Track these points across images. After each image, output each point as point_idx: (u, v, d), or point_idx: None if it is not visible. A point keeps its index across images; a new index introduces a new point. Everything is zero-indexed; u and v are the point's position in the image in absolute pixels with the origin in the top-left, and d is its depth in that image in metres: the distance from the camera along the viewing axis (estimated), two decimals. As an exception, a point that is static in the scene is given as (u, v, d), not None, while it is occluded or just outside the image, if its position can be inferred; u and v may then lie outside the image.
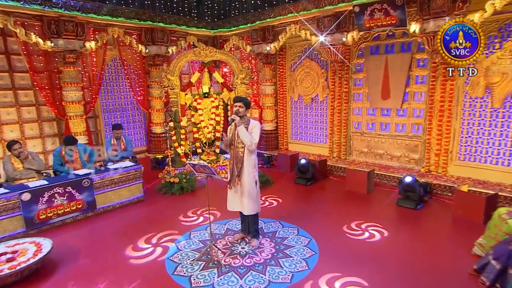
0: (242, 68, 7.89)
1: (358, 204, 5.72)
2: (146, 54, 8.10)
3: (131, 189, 5.89)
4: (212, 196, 6.01)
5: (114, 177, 5.65)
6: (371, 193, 6.19)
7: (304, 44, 8.05)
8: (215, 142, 8.09)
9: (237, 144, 4.06)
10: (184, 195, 6.29)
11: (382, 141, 6.99)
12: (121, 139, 6.42)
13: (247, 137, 3.90)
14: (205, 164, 3.82)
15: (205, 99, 7.87)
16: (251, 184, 4.09)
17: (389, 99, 6.70)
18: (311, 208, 5.61)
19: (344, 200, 5.95)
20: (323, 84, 7.80)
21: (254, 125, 4.01)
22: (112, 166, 5.88)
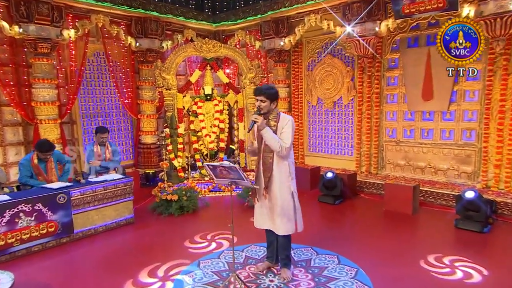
0: (251, 66, 7.45)
1: (407, 227, 5.20)
2: (137, 48, 7.60)
3: (118, 208, 5.22)
4: (222, 218, 5.58)
5: (98, 192, 4.98)
6: (417, 213, 5.66)
7: (325, 38, 7.68)
8: (219, 153, 7.50)
9: (265, 147, 3.55)
10: (184, 216, 5.71)
11: (424, 151, 6.53)
12: (106, 146, 5.77)
13: (275, 141, 3.38)
14: (231, 164, 3.20)
15: (207, 102, 7.37)
16: (285, 197, 3.56)
17: (432, 100, 6.28)
18: (347, 231, 5.10)
19: (387, 222, 5.45)
20: (349, 85, 7.38)
21: (285, 122, 3.48)
22: (95, 179, 5.19)
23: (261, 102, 3.45)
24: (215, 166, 3.30)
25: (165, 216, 5.64)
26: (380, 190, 6.57)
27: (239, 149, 7.65)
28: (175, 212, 5.65)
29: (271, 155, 3.53)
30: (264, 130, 3.40)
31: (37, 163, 4.98)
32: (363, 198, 6.63)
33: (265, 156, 3.57)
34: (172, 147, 6.93)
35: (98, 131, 5.74)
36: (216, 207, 6.17)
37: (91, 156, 5.69)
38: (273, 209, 3.57)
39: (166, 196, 5.75)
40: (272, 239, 3.85)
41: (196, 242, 4.72)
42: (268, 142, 3.42)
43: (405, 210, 5.61)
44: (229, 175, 3.27)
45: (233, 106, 7.63)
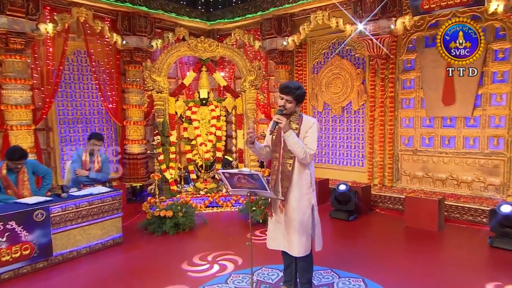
0: (251, 68, 7.21)
1: (434, 246, 4.96)
2: (123, 47, 7.29)
3: (105, 226, 4.86)
4: (223, 236, 5.36)
5: (82, 208, 4.60)
6: (442, 230, 5.44)
7: (332, 37, 7.54)
8: (215, 164, 7.18)
9: (284, 153, 3.30)
10: (180, 235, 5.39)
11: (445, 162, 6.35)
12: (96, 155, 5.39)
13: (298, 147, 3.13)
14: (252, 172, 2.90)
15: (202, 107, 7.11)
16: (305, 210, 3.31)
17: (454, 104, 6.14)
18: (368, 250, 4.81)
19: (411, 240, 5.20)
20: (359, 89, 7.20)
21: (309, 125, 3.26)
22: (79, 192, 4.80)
23: (287, 102, 3.21)
24: (232, 173, 2.99)
25: (158, 235, 5.30)
26: (397, 204, 6.36)
27: (237, 159, 7.34)
28: (169, 230, 5.30)
29: (291, 162, 3.27)
30: (288, 133, 3.15)
31: (6, 174, 4.55)
32: (379, 213, 6.41)
33: (284, 163, 3.31)
34: (164, 157, 6.58)
35: (93, 137, 5.36)
36: (215, 224, 5.90)
37: (77, 164, 5.30)
38: (290, 225, 3.31)
39: (159, 212, 5.39)
40: (290, 260, 3.57)
41: (196, 264, 4.41)
42: (291, 147, 3.17)
43: (430, 226, 5.38)
44: (249, 184, 2.97)
45: (231, 112, 7.34)
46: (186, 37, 8.29)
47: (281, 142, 3.31)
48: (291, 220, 3.29)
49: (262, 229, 5.37)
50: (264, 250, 4.44)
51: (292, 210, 3.28)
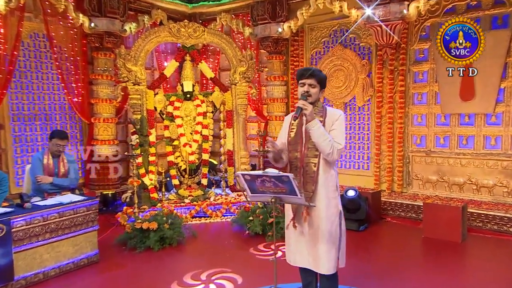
0: (242, 58, 7.00)
1: (461, 260, 4.91)
2: (91, 30, 6.91)
3: (78, 242, 4.52)
4: (217, 251, 5.12)
5: (51, 221, 4.23)
6: (466, 241, 5.36)
7: (334, 24, 7.43)
8: (201, 168, 6.91)
9: (307, 151, 3.15)
10: (167, 250, 5.11)
11: (462, 164, 6.33)
12: (61, 157, 5.02)
13: (325, 140, 3.00)
14: (281, 173, 2.67)
15: (186, 102, 6.91)
16: (333, 219, 3.17)
17: (473, 99, 6.13)
18: (386, 265, 4.69)
19: (432, 253, 5.07)
20: (364, 82, 7.13)
21: (335, 117, 3.17)
22: (45, 202, 4.42)
23: (310, 87, 3.08)
24: (254, 175, 2.73)
25: (140, 251, 5.00)
26: (410, 212, 6.30)
27: (226, 162, 7.07)
28: (154, 245, 5.00)
29: (315, 161, 3.13)
30: (313, 122, 2.98)
31: None
32: (391, 222, 6.32)
33: (308, 163, 3.15)
34: (142, 160, 6.24)
35: (55, 136, 5.00)
36: (205, 237, 5.67)
37: (38, 169, 4.90)
38: (317, 237, 3.14)
39: (141, 224, 5.05)
40: (310, 279, 3.39)
41: (188, 284, 4.20)
42: (316, 140, 3.01)
43: (452, 237, 5.28)
44: (275, 188, 2.73)
45: (219, 108, 7.08)
46: (164, 21, 7.96)
47: (303, 138, 3.16)
48: (318, 231, 3.13)
49: (265, 243, 5.19)
50: (265, 266, 4.48)
51: (319, 219, 3.11)
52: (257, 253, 4.96)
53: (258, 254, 4.92)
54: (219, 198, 6.63)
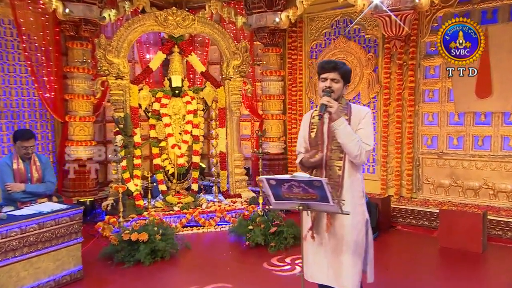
0: (236, 50, 6.89)
1: (486, 272, 4.92)
2: (65, 17, 6.69)
3: (60, 257, 4.34)
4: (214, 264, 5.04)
5: (30, 233, 4.03)
6: (487, 251, 5.36)
7: (336, 13, 7.43)
8: (191, 172, 6.78)
9: (330, 153, 3.10)
10: (159, 265, 4.97)
11: (478, 167, 6.37)
12: (32, 160, 4.82)
13: (353, 140, 2.96)
14: (313, 177, 2.58)
15: (175, 99, 6.80)
16: (360, 228, 3.15)
17: (490, 97, 6.16)
18: (404, 279, 4.67)
19: (452, 265, 5.05)
20: (370, 77, 7.16)
21: (361, 115, 3.13)
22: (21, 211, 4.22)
23: (333, 81, 3.03)
24: (281, 180, 2.60)
25: (129, 266, 4.84)
26: (422, 220, 6.30)
27: (218, 165, 6.94)
28: (145, 259, 4.84)
29: (340, 164, 3.08)
30: (339, 121, 2.93)
31: None
32: (402, 231, 6.30)
33: (332, 166, 3.10)
34: (127, 163, 6.05)
35: (19, 137, 4.80)
36: (199, 248, 5.58)
37: (7, 176, 4.69)
38: (340, 248, 3.08)
39: (130, 235, 4.87)
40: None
41: None
42: (342, 140, 2.96)
43: (472, 247, 5.26)
44: (304, 194, 2.61)
45: (210, 105, 6.96)
46: (147, 8, 7.80)
47: (324, 139, 3.11)
48: (341, 241, 3.06)
49: (279, 256, 5.06)
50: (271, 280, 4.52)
51: (343, 228, 3.05)
52: (271, 267, 4.84)
53: (273, 270, 4.79)
54: (211, 206, 6.49)
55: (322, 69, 3.05)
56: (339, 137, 2.95)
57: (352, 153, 2.94)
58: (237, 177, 7.05)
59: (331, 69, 3.02)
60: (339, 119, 2.91)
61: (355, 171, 3.09)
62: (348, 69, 3.13)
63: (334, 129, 2.93)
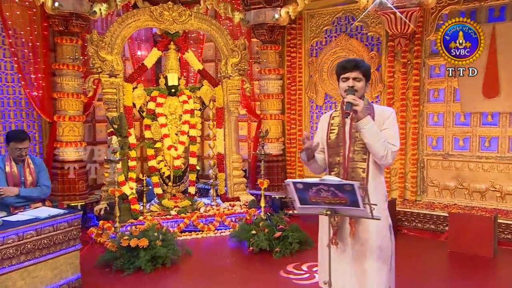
0: (234, 47, 6.86)
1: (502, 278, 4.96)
2: (54, 11, 6.54)
3: (58, 265, 4.22)
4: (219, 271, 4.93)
5: (27, 240, 3.91)
6: (498, 256, 5.40)
7: (337, 10, 7.43)
8: (187, 175, 6.73)
9: (353, 154, 3.10)
10: (160, 272, 4.90)
11: (485, 169, 6.42)
12: (26, 162, 4.71)
13: (379, 141, 2.97)
14: (343, 181, 2.58)
15: (171, 98, 6.73)
16: (384, 233, 3.18)
17: (498, 96, 6.20)
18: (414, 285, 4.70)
19: (465, 270, 5.08)
20: (373, 76, 7.08)
21: (385, 115, 3.16)
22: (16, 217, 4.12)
23: (355, 81, 3.03)
24: (308, 184, 2.57)
25: (129, 274, 4.76)
26: (428, 223, 6.33)
27: (216, 167, 6.88)
28: (146, 266, 4.76)
29: (364, 165, 3.09)
30: (365, 120, 2.92)
31: None
32: (408, 235, 6.33)
33: (355, 168, 3.10)
34: (122, 166, 5.95)
35: (12, 139, 4.68)
36: (200, 254, 5.52)
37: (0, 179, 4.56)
38: (363, 254, 3.08)
39: (129, 241, 4.79)
40: None
41: None
42: (369, 141, 2.96)
43: (483, 251, 5.30)
44: (333, 198, 2.59)
45: (207, 105, 6.90)
46: (139, 2, 7.69)
47: (346, 140, 3.11)
48: (365, 247, 3.06)
49: (294, 264, 5.02)
50: None
51: (368, 233, 3.06)
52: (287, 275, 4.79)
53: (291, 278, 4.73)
54: (210, 210, 6.45)
55: (343, 68, 3.04)
56: (364, 137, 2.94)
57: (378, 153, 2.94)
58: (235, 179, 7.01)
59: (353, 68, 3.01)
60: (365, 118, 2.90)
61: (379, 173, 3.10)
62: (368, 66, 3.15)
63: (360, 129, 2.92)
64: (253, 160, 7.80)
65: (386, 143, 2.94)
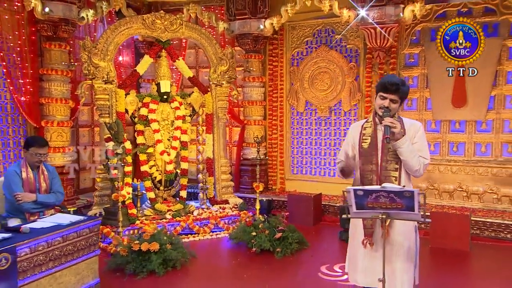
0: (222, 56, 6.92)
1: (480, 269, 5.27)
2: (44, 16, 6.35)
3: (80, 271, 4.10)
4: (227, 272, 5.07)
5: (54, 246, 3.80)
6: (473, 250, 5.72)
7: (318, 23, 7.64)
8: (178, 179, 6.71)
9: (386, 164, 3.23)
10: (172, 274, 4.86)
11: (453, 171, 6.81)
12: (40, 169, 4.58)
13: (414, 156, 3.11)
14: (404, 188, 2.74)
15: (163, 104, 6.60)
16: (412, 234, 3.28)
17: (465, 106, 6.62)
18: None
19: (448, 263, 5.34)
20: (351, 86, 7.42)
21: (415, 129, 3.25)
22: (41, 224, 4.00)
23: (392, 102, 3.12)
24: (368, 191, 2.74)
25: (143, 277, 4.67)
26: (405, 221, 6.61)
27: (206, 172, 6.91)
28: (158, 269, 4.70)
29: (396, 174, 3.21)
30: (403, 140, 3.05)
31: None
32: (388, 233, 6.56)
33: (387, 177, 3.21)
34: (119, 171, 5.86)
35: (33, 144, 4.50)
36: (203, 256, 5.44)
37: (16, 185, 4.39)
38: (396, 254, 3.20)
39: (140, 245, 4.76)
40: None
41: None
42: (406, 158, 3.09)
43: (460, 246, 5.62)
44: (390, 204, 2.76)
45: (197, 111, 6.91)
46: (123, 9, 7.60)
47: (378, 150, 3.23)
48: (395, 247, 3.19)
49: (327, 265, 5.10)
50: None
51: (398, 235, 3.18)
52: (326, 276, 4.86)
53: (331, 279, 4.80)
54: (202, 213, 6.44)
55: (386, 89, 3.11)
56: (401, 155, 3.07)
57: (413, 168, 3.08)
58: (223, 183, 7.03)
59: (393, 91, 3.09)
60: (402, 138, 3.03)
61: (409, 181, 3.24)
62: (407, 89, 3.20)
63: (397, 148, 3.05)
64: (237, 164, 7.89)
65: (419, 158, 3.09)
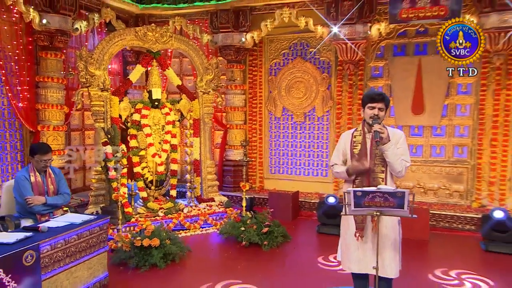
0: (208, 65, 7.08)
1: (438, 256, 5.60)
2: (41, 28, 6.35)
3: (92, 266, 4.19)
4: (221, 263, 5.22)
5: (71, 243, 3.88)
6: (432, 239, 6.09)
7: (294, 37, 7.84)
8: (168, 179, 6.83)
9: (374, 167, 3.49)
10: (172, 268, 4.97)
11: (413, 170, 7.15)
12: (47, 172, 4.61)
13: (398, 159, 3.40)
14: (397, 189, 3.04)
15: (154, 110, 6.68)
16: (396, 227, 3.57)
17: (423, 114, 7.01)
18: None
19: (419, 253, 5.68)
20: (324, 94, 7.67)
21: (398, 136, 3.52)
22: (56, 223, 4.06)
23: (379, 110, 3.42)
24: (366, 192, 3.02)
25: (146, 270, 4.77)
26: (372, 215, 6.97)
27: (193, 172, 7.04)
28: (159, 262, 4.82)
29: (383, 176, 3.50)
30: (389, 145, 3.35)
31: None
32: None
33: (376, 178, 3.49)
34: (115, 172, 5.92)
35: (37, 152, 4.50)
36: (198, 250, 5.54)
37: (26, 189, 4.41)
38: (384, 244, 3.45)
39: (141, 241, 4.88)
40: (364, 283, 3.72)
41: None
42: (391, 160, 3.37)
43: (422, 235, 5.96)
44: (384, 203, 3.04)
45: (185, 116, 7.04)
46: (113, 20, 7.66)
47: (368, 154, 3.48)
48: (383, 239, 3.43)
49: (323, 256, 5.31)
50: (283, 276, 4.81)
51: (386, 228, 3.45)
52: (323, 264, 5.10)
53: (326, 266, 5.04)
54: (191, 210, 6.58)
55: (372, 99, 3.38)
56: (387, 157, 3.34)
57: (397, 169, 3.36)
58: (209, 182, 7.16)
59: (381, 100, 3.38)
60: (388, 143, 3.31)
61: (392, 181, 3.51)
62: (388, 98, 3.53)
63: (384, 151, 3.31)
64: (220, 165, 8.05)
65: (402, 161, 3.37)
